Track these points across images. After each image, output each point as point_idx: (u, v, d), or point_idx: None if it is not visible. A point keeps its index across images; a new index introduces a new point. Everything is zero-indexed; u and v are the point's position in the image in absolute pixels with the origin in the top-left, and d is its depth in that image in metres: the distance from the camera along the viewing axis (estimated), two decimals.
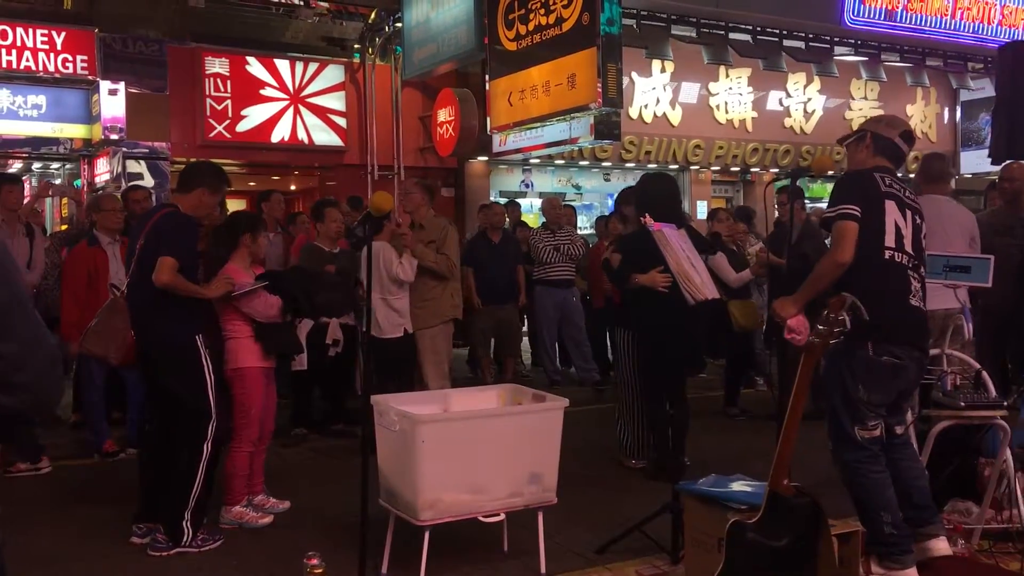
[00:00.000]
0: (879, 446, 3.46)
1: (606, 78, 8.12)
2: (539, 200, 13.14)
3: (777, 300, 3.62)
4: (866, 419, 3.42)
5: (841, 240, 3.41)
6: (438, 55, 10.55)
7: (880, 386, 3.42)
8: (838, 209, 3.47)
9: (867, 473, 3.40)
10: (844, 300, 2.80)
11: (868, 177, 3.54)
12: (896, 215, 3.50)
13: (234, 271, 4.59)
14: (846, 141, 3.79)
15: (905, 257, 3.50)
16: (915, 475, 3.54)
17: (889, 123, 3.69)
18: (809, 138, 14.06)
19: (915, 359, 3.49)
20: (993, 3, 12.98)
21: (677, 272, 3.60)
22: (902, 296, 3.44)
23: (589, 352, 8.44)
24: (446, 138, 11.38)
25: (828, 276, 3.46)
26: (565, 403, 3.75)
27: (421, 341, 6.09)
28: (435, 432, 3.46)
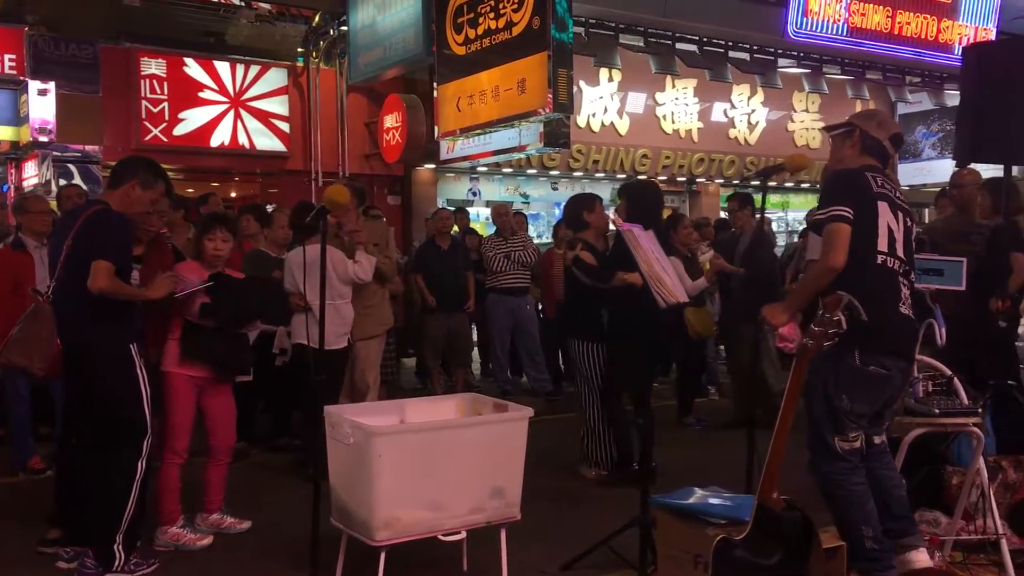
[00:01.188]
0: (858, 457, 3.33)
1: (557, 83, 8.00)
2: (486, 209, 13.01)
3: (767, 307, 3.46)
4: (847, 430, 3.28)
5: (834, 243, 3.24)
6: (385, 59, 10.33)
7: (865, 396, 3.28)
8: (830, 211, 3.30)
9: (847, 485, 3.27)
10: (840, 299, 2.65)
11: (860, 177, 3.39)
12: (889, 217, 3.35)
13: (186, 268, 4.33)
14: (833, 132, 3.62)
15: (897, 262, 3.36)
16: (894, 484, 3.43)
17: (880, 123, 3.53)
18: (753, 149, 14.20)
19: (901, 369, 3.36)
20: (931, 20, 13.22)
21: (648, 274, 3.45)
22: (892, 303, 3.30)
23: (542, 362, 8.28)
24: (392, 144, 11.14)
25: (820, 281, 3.29)
26: (529, 412, 3.56)
27: (364, 350, 5.87)
28: (392, 445, 3.24)
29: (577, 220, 5.68)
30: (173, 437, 4.33)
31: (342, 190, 3.25)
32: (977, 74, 4.04)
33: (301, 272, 5.30)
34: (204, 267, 4.45)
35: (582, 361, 5.50)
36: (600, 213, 5.77)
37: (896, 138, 3.56)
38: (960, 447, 4.19)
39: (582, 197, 5.99)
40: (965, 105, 4.12)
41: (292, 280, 5.47)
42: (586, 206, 5.71)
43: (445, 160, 11.22)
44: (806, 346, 2.68)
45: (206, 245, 4.47)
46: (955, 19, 13.34)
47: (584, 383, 5.57)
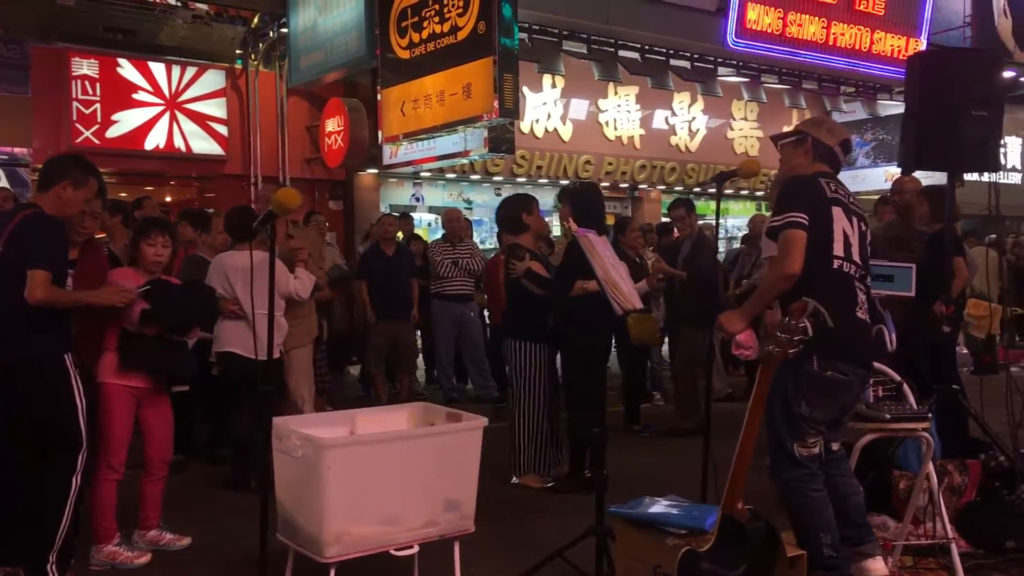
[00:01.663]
0: (818, 464, 3.32)
1: (503, 88, 7.94)
2: (429, 215, 12.92)
3: (724, 314, 3.45)
4: (806, 436, 3.27)
5: (790, 250, 3.23)
6: (326, 62, 10.16)
7: (824, 402, 3.27)
8: (785, 217, 3.28)
9: (806, 492, 3.25)
10: (806, 306, 2.63)
11: (814, 183, 3.39)
12: (844, 222, 3.36)
13: (121, 275, 4.16)
14: (783, 141, 3.62)
15: (853, 267, 3.36)
16: (851, 491, 3.43)
17: (830, 129, 3.54)
18: (694, 156, 14.36)
19: (859, 375, 3.37)
20: (864, 31, 13.51)
21: (604, 280, 3.41)
22: (849, 308, 3.29)
23: (487, 368, 8.21)
24: (334, 149, 10.97)
25: (776, 288, 3.28)
26: (484, 422, 3.49)
27: (296, 360, 5.76)
28: (343, 457, 3.13)
29: (516, 222, 5.56)
30: (110, 451, 4.15)
31: (292, 193, 3.14)
32: (920, 83, 4.11)
33: (239, 277, 5.14)
34: (141, 273, 4.29)
35: (525, 364, 5.39)
36: (538, 215, 5.70)
37: (845, 144, 3.58)
38: (906, 451, 4.25)
39: (519, 198, 5.86)
40: (909, 114, 4.18)
41: (226, 285, 5.25)
42: (524, 207, 5.60)
43: (388, 165, 11.09)
44: (772, 353, 2.65)
45: (146, 250, 4.30)
46: (887, 31, 13.65)
47: (525, 387, 5.43)
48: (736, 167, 3.55)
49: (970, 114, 3.91)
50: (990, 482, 4.17)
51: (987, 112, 3.92)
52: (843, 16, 13.18)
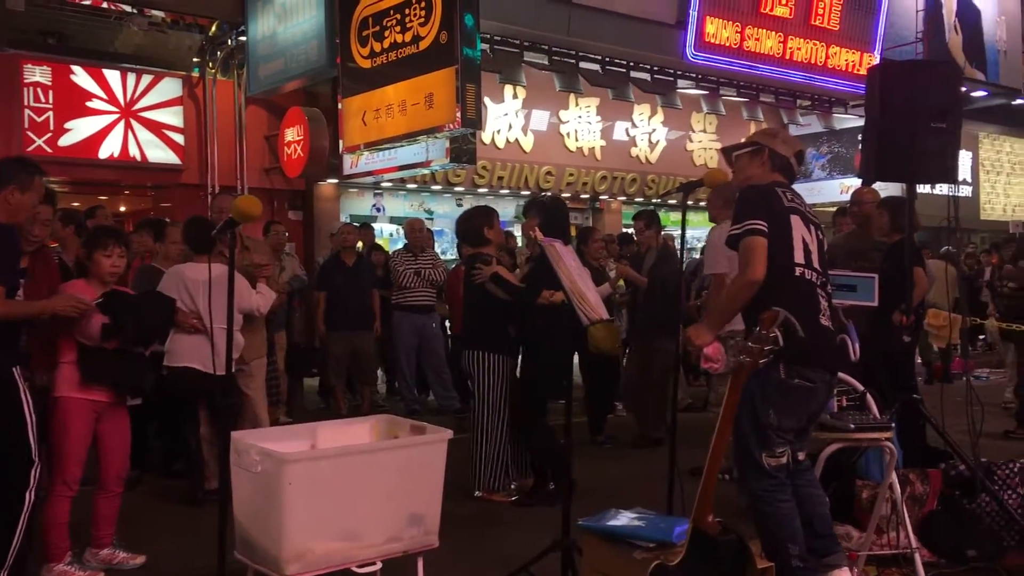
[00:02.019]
0: (785, 474, 3.31)
1: (465, 99, 7.92)
2: (390, 225, 12.82)
3: (691, 327, 3.44)
4: (774, 445, 3.26)
5: (751, 257, 3.24)
6: (286, 71, 10.05)
7: (791, 410, 3.26)
8: (745, 225, 3.29)
9: (774, 503, 3.24)
10: (776, 315, 2.61)
11: (771, 192, 3.41)
12: (802, 230, 3.38)
13: (74, 288, 4.03)
14: (737, 152, 3.64)
15: (814, 274, 3.37)
16: (818, 502, 3.42)
17: (784, 140, 3.58)
18: (654, 167, 14.45)
19: (825, 382, 3.37)
20: (820, 46, 13.71)
21: (571, 290, 3.38)
22: (813, 315, 3.29)
23: (449, 379, 8.14)
24: (294, 159, 10.85)
25: (740, 296, 3.29)
26: (448, 435, 3.43)
27: (256, 371, 5.71)
28: (304, 472, 3.05)
29: (477, 235, 5.53)
30: (65, 467, 4.01)
31: (254, 201, 3.06)
32: (880, 95, 4.15)
33: (200, 289, 5.03)
34: (95, 285, 4.16)
35: (486, 375, 5.33)
36: (499, 228, 5.69)
37: (799, 155, 3.62)
38: (868, 461, 4.27)
39: (481, 211, 5.83)
40: (870, 125, 4.22)
41: (185, 298, 5.13)
42: (486, 221, 5.59)
43: (348, 175, 11.00)
44: (743, 364, 2.64)
45: (102, 261, 4.16)
46: (842, 46, 13.87)
47: (487, 399, 5.36)
48: (701, 177, 3.56)
49: (929, 126, 3.96)
50: (950, 491, 4.20)
51: (946, 124, 3.98)
52: (799, 31, 13.37)
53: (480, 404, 5.41)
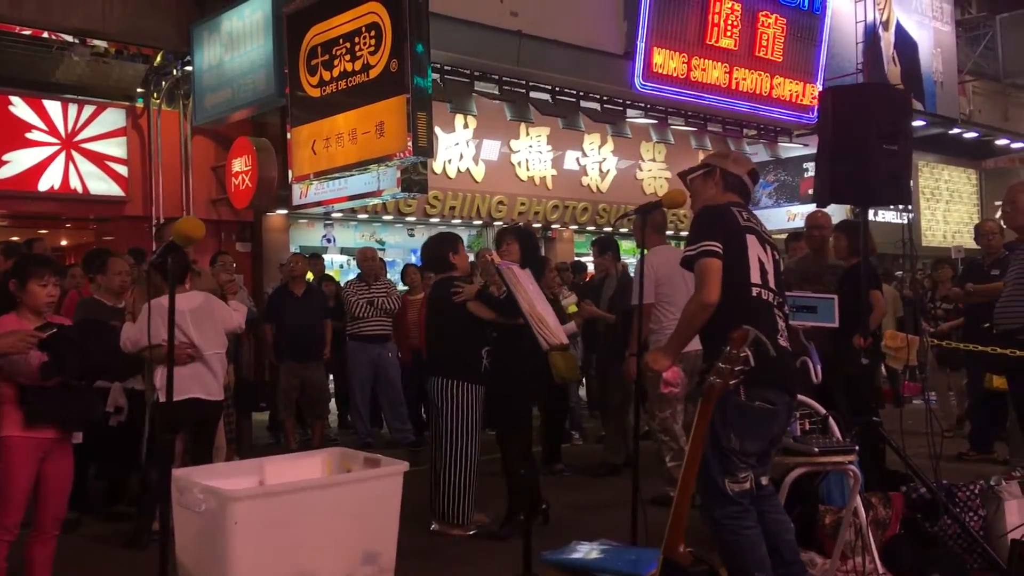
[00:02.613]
0: (749, 500, 3.24)
1: (416, 127, 7.85)
2: (341, 256, 12.66)
3: (649, 353, 3.38)
4: (736, 470, 3.18)
5: (706, 279, 3.19)
6: (233, 101, 9.90)
7: (753, 434, 3.19)
8: (700, 246, 3.25)
9: (739, 530, 3.16)
10: (746, 334, 2.54)
11: (726, 212, 3.38)
12: (758, 250, 3.34)
13: (7, 324, 3.83)
14: (691, 175, 3.61)
15: (771, 294, 3.33)
16: (783, 528, 3.35)
17: (736, 160, 3.58)
18: (605, 196, 14.50)
19: (786, 403, 3.31)
20: (765, 76, 13.95)
21: (530, 313, 3.30)
22: (771, 336, 3.20)
23: (405, 411, 7.99)
24: (242, 189, 10.65)
25: (696, 319, 3.23)
26: (404, 467, 3.31)
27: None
28: (251, 510, 2.90)
29: (443, 261, 5.48)
30: (6, 510, 3.79)
31: (196, 223, 2.94)
32: (833, 118, 4.17)
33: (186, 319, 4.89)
34: (27, 318, 3.93)
35: (455, 404, 5.19)
36: (464, 254, 5.64)
37: (753, 174, 3.61)
38: (829, 486, 4.23)
39: (446, 237, 5.80)
40: (822, 148, 4.24)
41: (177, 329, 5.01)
42: (451, 247, 5.56)
43: (298, 206, 10.82)
44: (713, 385, 2.56)
45: (38, 291, 3.92)
46: (786, 76, 14.13)
47: (454, 428, 5.22)
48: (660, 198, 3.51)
49: (881, 148, 3.98)
50: (912, 514, 4.17)
51: (897, 146, 4.00)
52: (744, 62, 13.59)
53: (449, 433, 5.24)
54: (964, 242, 19.11)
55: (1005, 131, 17.92)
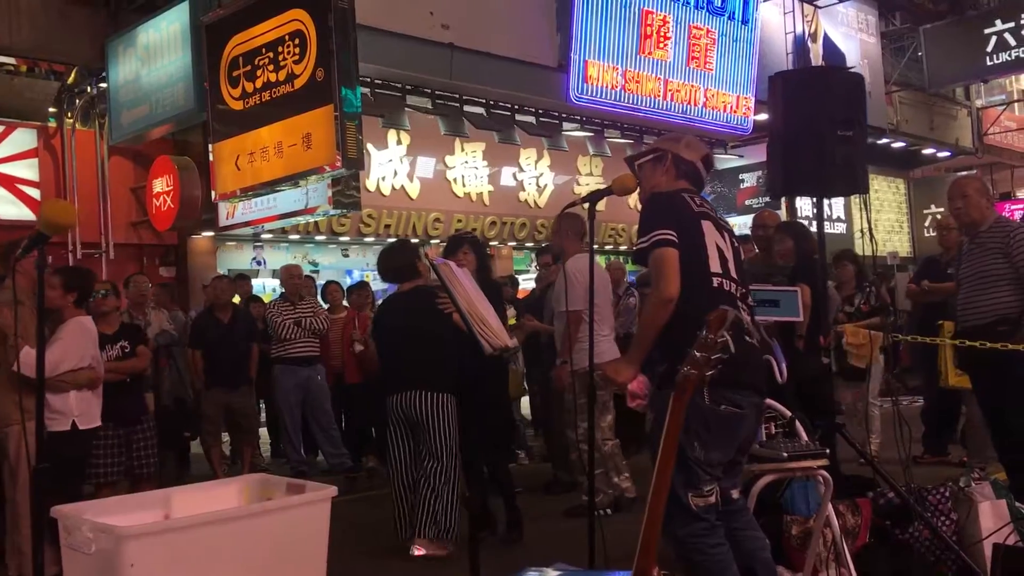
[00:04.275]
0: (715, 515, 2.91)
1: (345, 138, 7.50)
2: (272, 280, 12.17)
3: (607, 364, 3.05)
4: (701, 483, 2.83)
5: (663, 271, 2.86)
6: (152, 117, 9.43)
7: (719, 441, 2.84)
8: (652, 236, 2.92)
9: (705, 549, 2.82)
10: (724, 315, 2.21)
11: (677, 198, 3.06)
12: (716, 236, 3.03)
13: None
14: (639, 161, 3.29)
15: (733, 284, 3.01)
16: (758, 546, 3.03)
17: (688, 144, 3.25)
18: (543, 212, 14.30)
19: (755, 406, 2.98)
20: (698, 87, 13.93)
21: (469, 312, 2.96)
22: (737, 332, 2.84)
23: (338, 436, 7.56)
24: (164, 211, 10.16)
25: (658, 318, 2.89)
26: (332, 492, 2.94)
27: None
28: (151, 550, 2.49)
29: (411, 267, 5.28)
30: None
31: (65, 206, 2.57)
32: (784, 104, 3.96)
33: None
34: None
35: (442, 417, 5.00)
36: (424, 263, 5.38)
37: (707, 160, 3.29)
38: (793, 493, 3.98)
39: (409, 245, 5.72)
40: (774, 137, 4.02)
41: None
42: (416, 254, 5.44)
43: (225, 227, 10.38)
44: (687, 378, 2.23)
45: None
46: (719, 88, 14.14)
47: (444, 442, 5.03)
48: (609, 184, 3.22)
49: (836, 135, 3.77)
50: (880, 521, 3.93)
51: (852, 133, 3.80)
52: (678, 73, 13.56)
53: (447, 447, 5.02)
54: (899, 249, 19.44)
55: (932, 140, 18.23)
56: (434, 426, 5.01)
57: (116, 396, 5.62)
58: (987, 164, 22.15)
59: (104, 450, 5.62)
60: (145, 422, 5.81)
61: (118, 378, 5.64)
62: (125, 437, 5.69)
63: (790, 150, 3.71)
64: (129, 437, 5.71)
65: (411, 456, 5.11)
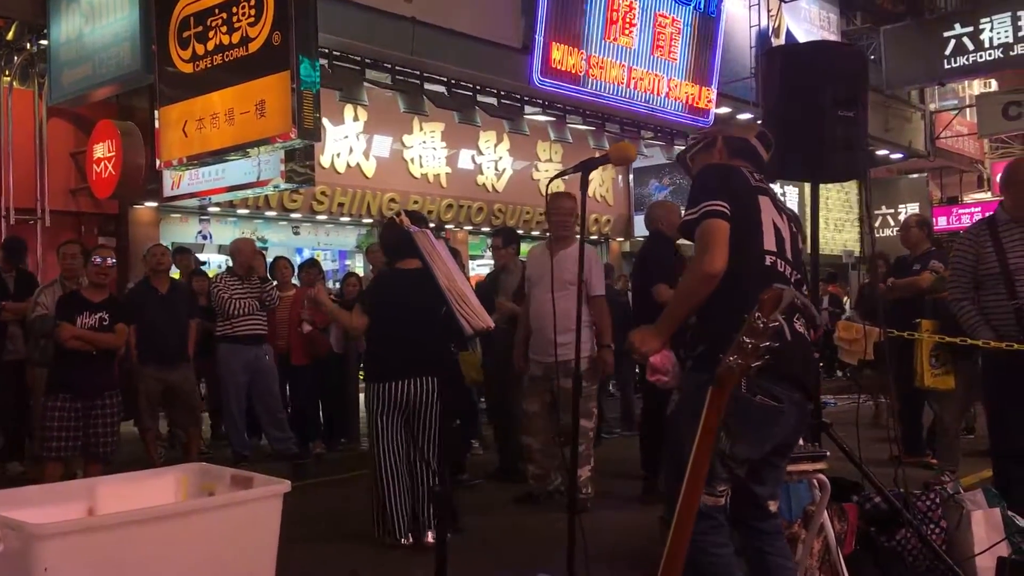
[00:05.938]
0: (724, 515, 2.65)
1: (301, 106, 7.10)
2: (219, 255, 11.67)
3: (635, 332, 2.75)
4: (716, 480, 2.56)
5: (710, 244, 2.59)
6: (94, 77, 8.90)
7: (748, 434, 2.52)
8: (702, 207, 2.65)
9: (709, 549, 2.56)
10: (780, 296, 1.90)
11: (734, 170, 2.79)
12: (773, 214, 2.75)
13: None
14: (691, 153, 3.02)
15: (787, 267, 2.72)
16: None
17: (739, 126, 3.01)
18: (501, 196, 14.07)
19: (797, 403, 2.65)
20: (661, 76, 13.78)
21: (449, 289, 2.64)
22: (788, 316, 2.56)
23: (285, 420, 7.18)
24: (104, 178, 9.64)
25: (697, 293, 2.62)
26: (285, 487, 2.60)
27: None
28: (68, 552, 2.13)
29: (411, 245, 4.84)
30: None
31: None
32: (781, 81, 3.70)
33: None
34: None
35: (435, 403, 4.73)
36: None
37: (763, 137, 2.98)
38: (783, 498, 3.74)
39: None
40: (768, 115, 3.76)
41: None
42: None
43: (170, 197, 9.90)
44: (731, 369, 1.94)
45: None
46: (682, 79, 14.00)
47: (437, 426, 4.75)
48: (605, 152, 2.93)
49: (836, 114, 3.53)
50: (865, 527, 3.72)
51: (854, 113, 3.56)
52: (642, 62, 13.39)
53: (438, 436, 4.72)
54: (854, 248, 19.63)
55: (886, 142, 18.32)
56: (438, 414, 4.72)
57: (79, 367, 5.32)
58: (938, 168, 22.43)
59: (58, 422, 5.23)
60: (109, 398, 5.42)
61: (84, 348, 5.27)
62: (84, 411, 5.30)
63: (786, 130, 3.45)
64: (88, 412, 5.32)
65: (404, 446, 4.75)
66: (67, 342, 5.25)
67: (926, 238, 6.59)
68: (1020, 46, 15.49)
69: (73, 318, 5.33)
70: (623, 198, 16.58)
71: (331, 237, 13.15)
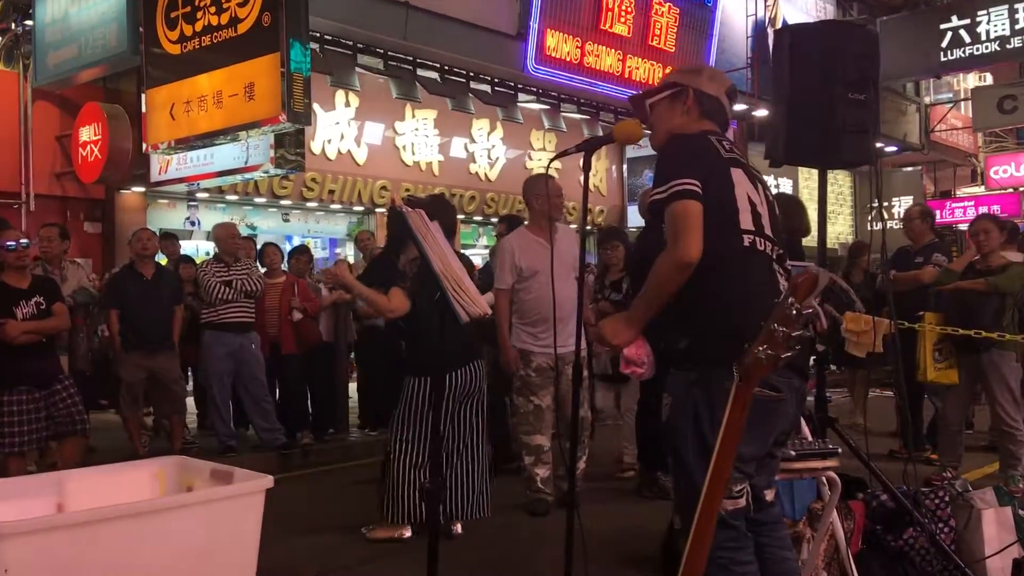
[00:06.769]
0: (745, 522, 2.46)
1: (291, 89, 6.93)
2: (206, 242, 11.47)
3: (606, 322, 2.57)
4: (732, 480, 2.35)
5: (684, 228, 2.38)
6: (80, 58, 8.74)
7: (755, 432, 2.33)
8: (671, 186, 2.42)
9: (731, 565, 2.37)
10: (815, 279, 1.72)
11: (703, 141, 2.57)
12: (748, 187, 2.54)
13: None
14: (652, 99, 2.77)
15: (768, 244, 2.53)
16: (789, 568, 2.58)
17: (712, 76, 2.74)
18: (494, 185, 13.89)
19: (795, 388, 2.50)
20: (657, 66, 13.65)
21: (443, 274, 2.49)
22: (770, 299, 2.30)
23: (272, 409, 7.02)
24: (90, 161, 9.45)
25: (671, 282, 2.42)
26: (267, 482, 2.45)
27: None
28: (32, 552, 1.98)
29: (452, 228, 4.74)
30: None
31: None
32: (791, 61, 3.56)
33: None
34: None
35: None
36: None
37: (731, 92, 2.78)
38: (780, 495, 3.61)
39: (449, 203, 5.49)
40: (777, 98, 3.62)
41: None
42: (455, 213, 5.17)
43: (157, 182, 9.71)
44: (759, 361, 1.77)
45: None
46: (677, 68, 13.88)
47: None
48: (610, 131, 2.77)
49: (847, 97, 3.39)
50: (872, 526, 3.60)
51: (865, 96, 3.42)
52: (637, 50, 13.29)
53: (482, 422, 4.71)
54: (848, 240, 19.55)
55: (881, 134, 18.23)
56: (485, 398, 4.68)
57: (33, 357, 5.09)
58: (932, 161, 22.36)
59: (19, 416, 5.04)
60: (64, 380, 5.24)
61: (35, 339, 5.07)
62: (44, 399, 5.13)
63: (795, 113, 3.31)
64: (49, 399, 5.14)
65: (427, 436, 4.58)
66: (17, 339, 4.99)
67: (928, 230, 6.48)
68: (1017, 39, 15.36)
69: (11, 311, 5.02)
70: (617, 188, 16.43)
71: (321, 224, 12.96)
